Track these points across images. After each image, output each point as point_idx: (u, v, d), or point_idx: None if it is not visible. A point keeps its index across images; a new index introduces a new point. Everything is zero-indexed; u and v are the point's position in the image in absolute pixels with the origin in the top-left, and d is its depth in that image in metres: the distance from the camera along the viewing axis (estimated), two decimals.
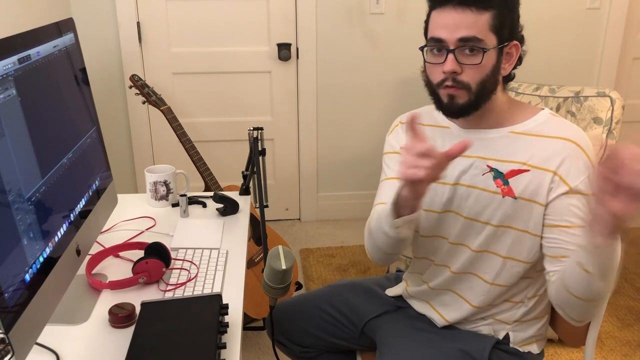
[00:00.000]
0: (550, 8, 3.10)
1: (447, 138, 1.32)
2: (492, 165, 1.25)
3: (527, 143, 1.23)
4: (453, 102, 1.20)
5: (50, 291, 1.05)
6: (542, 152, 1.21)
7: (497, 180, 1.24)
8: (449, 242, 1.33)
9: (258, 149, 1.58)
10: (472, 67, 1.17)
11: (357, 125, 3.22)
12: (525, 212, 1.22)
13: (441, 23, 1.17)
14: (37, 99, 1.07)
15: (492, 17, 1.15)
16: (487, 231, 1.27)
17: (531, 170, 1.21)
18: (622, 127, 2.75)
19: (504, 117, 1.26)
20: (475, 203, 1.27)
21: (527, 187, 1.21)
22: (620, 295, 2.59)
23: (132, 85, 2.42)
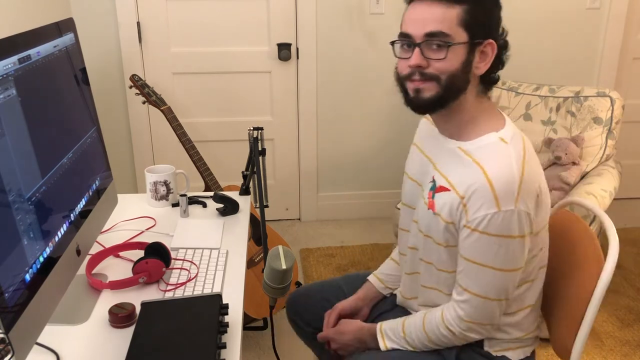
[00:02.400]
0: (551, 8, 3.09)
1: (433, 135, 1.34)
2: (435, 176, 1.27)
3: (461, 163, 1.21)
4: (419, 95, 1.20)
5: (50, 291, 1.05)
6: (464, 175, 1.19)
7: (430, 192, 1.26)
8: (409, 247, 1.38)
9: (258, 149, 1.58)
10: (438, 62, 1.15)
11: (357, 125, 3.22)
12: (440, 227, 1.24)
13: (411, 18, 1.18)
14: (37, 99, 1.07)
15: (463, 11, 1.14)
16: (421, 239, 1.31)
17: (451, 191, 1.21)
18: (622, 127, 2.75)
19: (466, 127, 1.23)
20: (419, 208, 1.31)
21: (444, 207, 1.22)
22: (620, 295, 2.59)
23: (132, 85, 2.42)
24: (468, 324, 1.25)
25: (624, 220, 3.30)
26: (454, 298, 1.26)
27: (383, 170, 3.32)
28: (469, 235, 1.18)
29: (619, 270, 2.77)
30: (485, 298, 1.22)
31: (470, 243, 1.19)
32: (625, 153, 3.46)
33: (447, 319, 1.27)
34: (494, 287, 1.21)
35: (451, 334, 1.27)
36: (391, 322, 1.38)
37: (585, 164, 2.41)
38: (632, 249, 2.97)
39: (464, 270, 1.22)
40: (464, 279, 1.23)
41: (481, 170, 1.15)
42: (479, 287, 1.21)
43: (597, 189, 2.18)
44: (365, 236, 3.17)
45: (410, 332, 1.32)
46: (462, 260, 1.22)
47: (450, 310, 1.26)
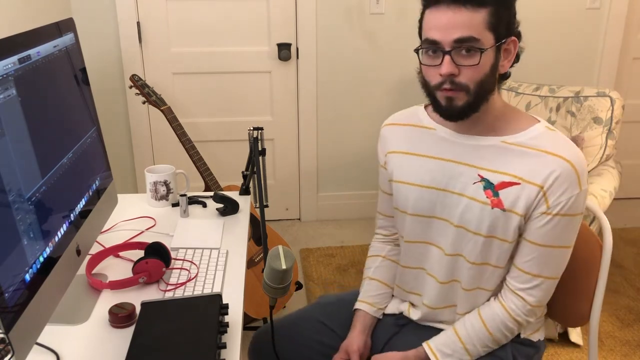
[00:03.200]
0: (550, 8, 3.09)
1: (435, 141, 1.29)
2: (483, 175, 1.22)
3: (519, 155, 1.20)
4: (452, 104, 1.17)
5: (50, 291, 1.05)
6: (534, 166, 1.18)
7: (487, 191, 1.22)
8: (446, 254, 1.30)
9: (258, 149, 1.58)
10: (470, 68, 1.13)
11: (357, 125, 3.22)
12: (512, 223, 1.21)
13: (435, 23, 1.13)
14: (37, 99, 1.07)
15: (488, 14, 1.11)
16: (478, 241, 1.25)
17: (521, 184, 1.19)
18: (622, 127, 2.75)
19: (497, 123, 1.23)
20: (465, 211, 1.25)
21: (516, 201, 1.19)
22: (620, 295, 2.59)
23: (132, 85, 2.42)
24: (534, 309, 1.25)
25: (624, 220, 3.30)
26: (519, 287, 1.24)
27: None
28: (548, 222, 1.19)
29: (619, 270, 2.77)
30: (555, 279, 1.25)
31: (550, 228, 1.19)
32: (625, 153, 3.46)
33: (513, 309, 1.25)
34: (562, 265, 1.25)
35: (517, 323, 1.26)
36: (439, 338, 1.30)
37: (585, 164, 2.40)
38: (632, 249, 2.97)
39: (535, 258, 1.22)
40: (536, 265, 1.22)
41: (557, 156, 1.17)
42: (552, 270, 1.23)
43: (597, 189, 2.18)
44: (365, 236, 3.16)
45: (469, 338, 1.27)
46: (533, 248, 1.21)
47: (514, 300, 1.25)
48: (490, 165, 1.22)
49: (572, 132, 2.49)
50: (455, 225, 1.27)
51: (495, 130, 1.24)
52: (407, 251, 1.38)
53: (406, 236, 1.36)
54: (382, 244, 1.51)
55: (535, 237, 1.21)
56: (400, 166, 1.34)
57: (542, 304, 1.27)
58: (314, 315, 1.48)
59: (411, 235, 1.35)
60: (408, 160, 1.33)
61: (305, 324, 1.47)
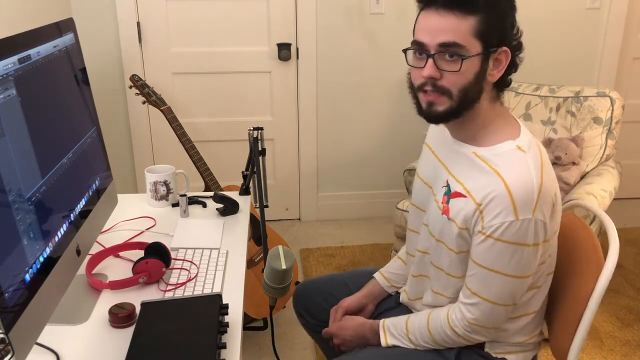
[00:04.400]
0: (550, 8, 3.09)
1: (441, 140, 1.34)
2: (449, 181, 1.25)
3: (477, 169, 1.19)
4: (431, 108, 1.18)
5: (50, 291, 1.05)
6: (480, 183, 1.17)
7: (444, 197, 1.25)
8: (417, 250, 1.38)
9: (258, 149, 1.58)
10: (452, 74, 1.13)
11: (357, 125, 3.22)
12: (454, 233, 1.23)
13: (424, 26, 1.14)
14: (37, 99, 1.07)
15: (477, 22, 1.11)
16: (433, 244, 1.31)
17: (467, 197, 1.19)
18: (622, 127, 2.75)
19: (480, 133, 1.22)
20: (431, 212, 1.30)
21: (459, 212, 1.21)
22: (620, 295, 2.59)
23: (132, 85, 2.42)
24: (473, 326, 1.25)
25: (624, 220, 3.30)
26: (462, 300, 1.26)
27: (383, 170, 3.32)
28: (483, 241, 1.18)
29: (619, 270, 2.77)
30: (493, 303, 1.22)
31: (484, 249, 1.18)
32: (625, 153, 3.46)
33: (453, 319, 1.27)
34: (503, 293, 1.21)
35: (455, 334, 1.27)
36: (394, 319, 1.39)
37: (585, 164, 2.41)
38: (632, 249, 2.97)
39: (475, 275, 1.22)
40: (475, 283, 1.22)
41: (500, 178, 1.14)
42: (489, 292, 1.21)
43: (597, 189, 2.18)
44: (365, 236, 3.17)
45: (413, 330, 1.33)
46: (473, 265, 1.22)
47: (457, 311, 1.27)
48: (456, 174, 1.24)
49: (572, 132, 2.49)
50: (424, 223, 1.34)
51: (475, 140, 1.23)
52: (408, 238, 1.46)
53: (408, 224, 1.46)
54: None
55: (473, 255, 1.22)
56: (422, 158, 1.42)
57: (483, 325, 1.25)
58: (344, 278, 1.63)
59: (410, 223, 1.45)
60: (427, 155, 1.40)
61: (335, 284, 1.61)
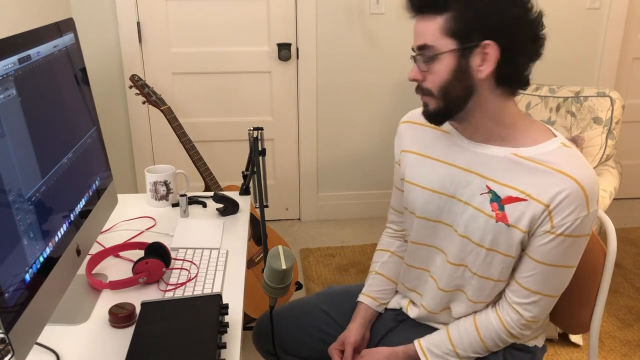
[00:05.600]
0: (550, 8, 3.09)
1: (448, 145, 1.28)
2: (491, 186, 1.20)
3: (529, 171, 1.17)
4: (427, 109, 1.21)
5: (50, 291, 1.05)
6: (543, 183, 1.15)
7: (494, 204, 1.20)
8: (449, 262, 1.29)
9: (258, 149, 1.58)
10: (429, 74, 1.16)
11: (357, 125, 3.22)
12: (515, 239, 1.20)
13: (414, 32, 1.19)
14: (37, 99, 1.07)
15: (447, 20, 1.11)
16: (481, 253, 1.24)
17: (528, 200, 1.16)
18: (622, 127, 2.75)
19: (507, 132, 1.20)
20: (470, 221, 1.24)
21: (521, 217, 1.17)
22: (620, 295, 2.59)
23: (132, 85, 2.42)
24: (530, 323, 1.25)
25: (624, 220, 3.30)
26: (517, 301, 1.23)
27: (383, 170, 3.32)
28: (551, 241, 1.17)
29: (619, 270, 2.77)
30: (554, 297, 1.24)
31: (552, 247, 1.18)
32: (625, 153, 3.46)
33: (508, 322, 1.25)
34: (563, 284, 1.24)
35: (511, 336, 1.26)
36: (432, 338, 1.32)
37: None
38: (632, 249, 2.97)
39: (537, 274, 1.20)
40: (536, 282, 1.21)
41: (567, 176, 1.13)
42: (553, 288, 1.22)
43: None
44: (365, 236, 3.17)
45: (461, 342, 1.28)
46: (536, 265, 1.20)
47: (511, 313, 1.25)
48: (499, 178, 1.20)
49: (572, 132, 2.49)
50: (460, 234, 1.26)
51: (505, 140, 1.21)
52: (412, 251, 1.38)
53: (413, 237, 1.36)
54: (392, 239, 1.52)
55: (536, 255, 1.19)
56: (412, 167, 1.34)
57: (539, 320, 1.26)
58: (318, 303, 1.51)
59: (417, 237, 1.35)
60: (420, 162, 1.32)
61: (309, 311, 1.50)
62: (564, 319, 1.43)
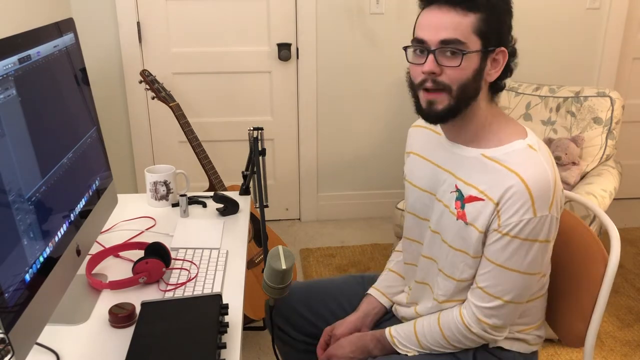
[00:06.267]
0: (550, 8, 3.09)
1: (436, 146, 1.32)
2: (459, 186, 1.24)
3: (491, 171, 1.19)
4: (432, 107, 1.19)
5: (50, 291, 1.05)
6: (495, 182, 1.17)
7: (457, 202, 1.24)
8: (422, 255, 1.36)
9: (258, 149, 1.58)
10: (452, 69, 1.14)
11: (357, 125, 3.22)
12: (473, 238, 1.22)
13: (426, 23, 1.16)
14: (37, 99, 1.07)
15: (477, 19, 1.13)
16: (445, 250, 1.28)
17: (485, 200, 1.19)
18: (622, 127, 2.75)
19: (483, 133, 1.23)
20: (440, 218, 1.28)
21: (478, 216, 1.20)
22: (620, 295, 2.59)
23: (142, 80, 2.41)
24: (487, 325, 1.25)
25: (624, 220, 3.30)
26: (477, 304, 1.24)
27: (383, 170, 3.32)
28: (499, 240, 1.18)
29: (619, 270, 2.77)
30: (507, 302, 1.22)
31: (500, 247, 1.19)
32: (625, 153, 3.46)
33: (467, 319, 1.26)
34: (517, 290, 1.22)
35: (472, 334, 1.26)
36: (401, 327, 1.36)
37: (585, 164, 2.41)
38: (632, 249, 2.97)
39: (489, 273, 1.22)
40: (488, 282, 1.22)
41: (517, 176, 1.14)
42: (503, 290, 1.22)
43: (597, 189, 2.18)
44: (365, 236, 3.17)
45: (424, 335, 1.31)
46: (487, 263, 1.21)
47: (469, 312, 1.26)
48: (466, 177, 1.23)
49: (572, 132, 2.49)
50: (432, 230, 1.31)
51: (477, 141, 1.23)
52: (406, 247, 1.44)
53: (404, 233, 1.44)
54: None
55: (487, 253, 1.21)
56: (411, 167, 1.40)
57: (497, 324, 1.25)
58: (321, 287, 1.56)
59: (408, 233, 1.42)
60: (417, 162, 1.38)
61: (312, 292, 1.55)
62: (561, 329, 1.40)
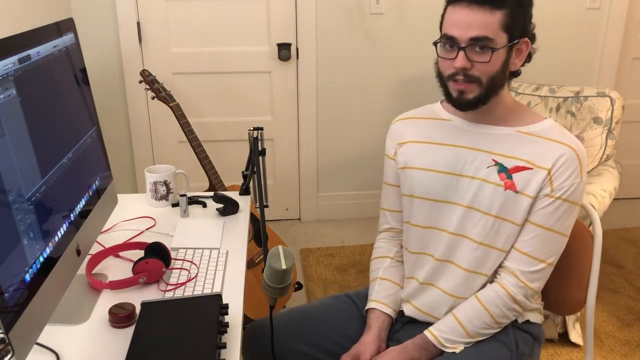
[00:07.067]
0: (550, 8, 3.09)
1: (450, 130, 1.37)
2: (498, 159, 1.30)
3: (533, 143, 1.29)
4: (462, 97, 1.27)
5: (50, 291, 1.05)
6: (544, 151, 1.27)
7: (502, 174, 1.29)
8: (448, 233, 1.35)
9: (258, 149, 1.58)
10: (482, 64, 1.22)
11: (357, 125, 3.22)
12: (522, 205, 1.28)
13: (455, 20, 1.22)
14: (37, 99, 1.07)
15: (504, 15, 1.20)
16: (488, 222, 1.31)
17: (533, 169, 1.27)
18: (622, 127, 2.75)
19: (510, 115, 1.33)
20: (478, 193, 1.31)
21: (528, 184, 1.27)
22: (620, 295, 2.59)
23: (142, 80, 2.41)
24: (531, 290, 1.30)
25: (624, 220, 3.30)
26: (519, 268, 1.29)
27: (383, 170, 3.31)
28: (550, 204, 1.26)
29: (619, 270, 2.77)
30: (550, 264, 1.31)
31: (551, 211, 1.27)
32: (625, 153, 3.46)
33: (511, 289, 1.30)
34: (558, 252, 1.32)
35: (515, 302, 1.30)
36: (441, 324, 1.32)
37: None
38: (632, 249, 2.97)
39: (535, 238, 1.28)
40: (534, 246, 1.29)
41: (566, 146, 1.26)
42: (548, 252, 1.30)
43: (597, 189, 2.18)
44: (365, 236, 3.17)
45: (469, 321, 1.30)
46: (534, 228, 1.28)
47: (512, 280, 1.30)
48: (505, 151, 1.30)
49: (572, 132, 2.49)
50: (465, 206, 1.32)
51: (507, 122, 1.33)
52: (415, 236, 1.40)
53: (415, 220, 1.39)
54: (389, 245, 1.53)
55: (535, 218, 1.28)
56: (416, 154, 1.40)
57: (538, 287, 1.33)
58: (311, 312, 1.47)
59: (420, 219, 1.39)
60: (423, 148, 1.40)
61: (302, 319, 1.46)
62: (557, 300, 1.47)
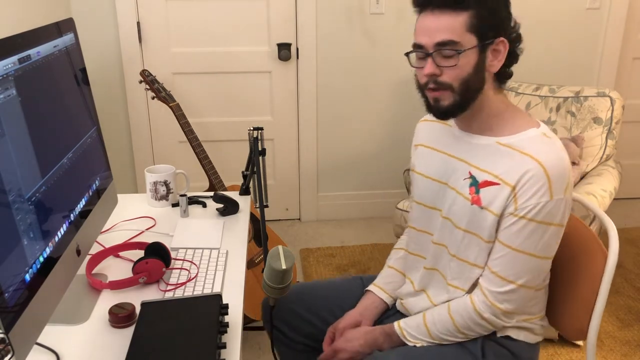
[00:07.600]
0: (550, 8, 3.09)
1: (448, 138, 1.37)
2: (473, 172, 1.28)
3: (507, 157, 1.23)
4: (438, 104, 1.24)
5: (50, 291, 1.05)
6: (511, 166, 1.22)
7: (472, 188, 1.28)
8: (433, 242, 1.38)
9: (258, 149, 1.58)
10: (451, 69, 1.19)
11: (357, 125, 3.22)
12: (488, 222, 1.25)
13: (422, 28, 1.21)
14: (37, 99, 1.07)
15: (469, 17, 1.17)
16: (458, 235, 1.31)
17: (500, 184, 1.23)
18: (622, 127, 2.75)
19: (496, 122, 1.27)
20: (452, 205, 1.31)
21: (493, 200, 1.23)
22: (620, 295, 2.59)
23: (143, 80, 2.41)
24: (499, 310, 1.27)
25: (624, 220, 3.30)
26: (490, 289, 1.27)
27: (383, 170, 3.32)
28: (514, 223, 1.22)
29: (619, 270, 2.77)
30: (521, 286, 1.25)
31: (516, 230, 1.22)
32: (625, 153, 3.46)
33: (479, 306, 1.28)
34: (530, 274, 1.25)
35: (482, 319, 1.28)
36: (410, 319, 1.37)
37: (585, 164, 2.41)
38: (632, 249, 2.97)
39: (503, 257, 1.25)
40: (502, 266, 1.25)
41: (534, 160, 1.19)
42: (517, 274, 1.25)
43: (597, 189, 2.18)
44: (365, 236, 3.17)
45: (434, 324, 1.32)
46: (501, 248, 1.25)
47: (481, 297, 1.28)
48: (480, 164, 1.27)
49: (572, 132, 2.49)
50: (443, 216, 1.34)
51: (492, 130, 1.28)
52: (412, 238, 1.46)
53: (412, 223, 1.45)
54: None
55: (502, 237, 1.25)
56: (420, 158, 1.43)
57: (513, 311, 1.28)
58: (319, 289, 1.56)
59: (415, 223, 1.44)
60: (427, 153, 1.41)
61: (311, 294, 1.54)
62: (562, 323, 1.41)
